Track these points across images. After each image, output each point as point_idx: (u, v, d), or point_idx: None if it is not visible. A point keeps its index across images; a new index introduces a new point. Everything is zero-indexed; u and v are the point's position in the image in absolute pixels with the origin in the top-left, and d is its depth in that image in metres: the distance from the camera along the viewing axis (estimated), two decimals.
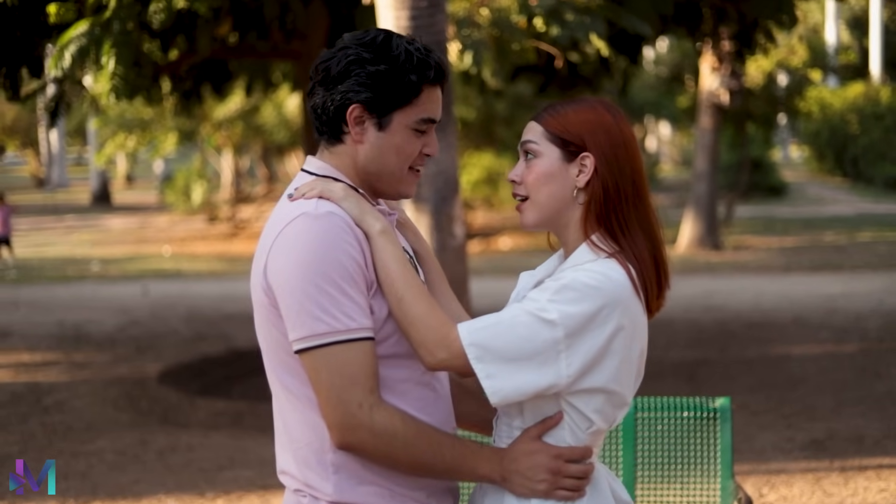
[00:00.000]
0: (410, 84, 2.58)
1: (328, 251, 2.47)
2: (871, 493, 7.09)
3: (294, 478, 2.61)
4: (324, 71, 2.61)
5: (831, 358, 11.13)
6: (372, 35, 2.61)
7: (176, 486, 7.46)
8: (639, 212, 2.61)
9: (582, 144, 2.59)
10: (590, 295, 2.48)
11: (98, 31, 6.88)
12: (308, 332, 2.46)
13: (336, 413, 2.47)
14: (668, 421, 4.54)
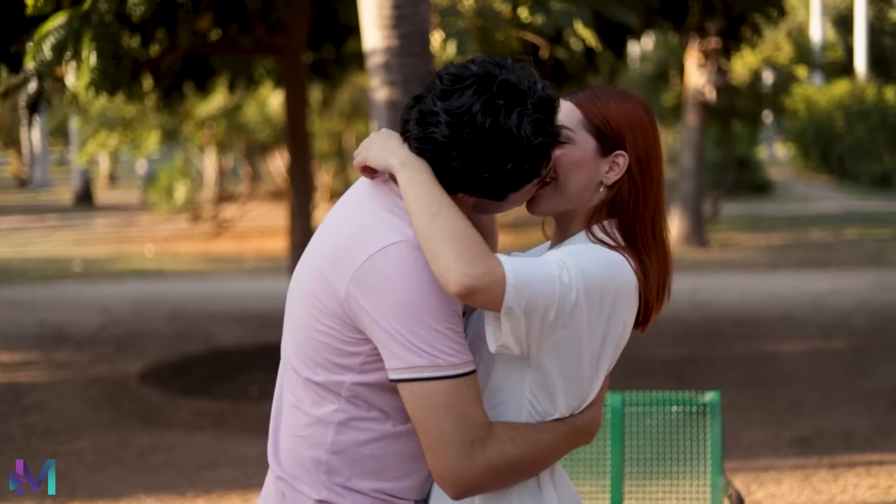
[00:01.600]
0: (531, 174, 2.41)
1: (431, 285, 2.34)
2: (861, 489, 7.02)
3: (280, 465, 2.56)
4: (425, 158, 2.40)
5: (819, 355, 11.05)
6: (476, 128, 2.33)
7: (156, 486, 7.35)
8: (657, 221, 2.52)
9: (621, 141, 2.47)
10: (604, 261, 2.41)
11: (76, 24, 6.76)
12: (422, 363, 2.34)
13: (451, 461, 2.35)
14: (656, 416, 4.45)
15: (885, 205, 27.32)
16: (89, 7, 6.80)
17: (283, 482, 2.54)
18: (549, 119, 2.37)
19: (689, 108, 19.60)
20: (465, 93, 2.33)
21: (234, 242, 22.59)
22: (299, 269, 2.61)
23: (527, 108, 2.33)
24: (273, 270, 18.36)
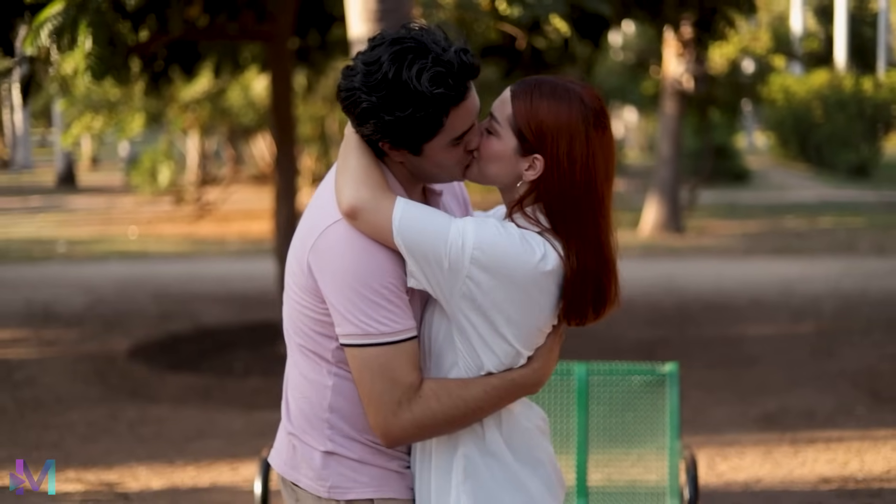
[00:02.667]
0: (428, 124, 2.63)
1: (374, 260, 2.65)
2: (820, 463, 7.36)
3: (290, 422, 2.89)
4: (344, 108, 2.69)
5: (787, 338, 11.40)
6: (380, 70, 2.60)
7: (147, 455, 7.65)
8: (587, 223, 2.67)
9: (538, 146, 2.65)
10: (511, 236, 2.65)
11: (73, 11, 7.04)
12: (356, 331, 2.65)
13: (379, 416, 2.68)
14: (619, 385, 4.78)
15: (861, 194, 27.72)
16: None
17: (294, 437, 2.88)
18: (451, 75, 2.61)
19: (666, 96, 19.90)
20: (379, 48, 2.64)
21: (216, 225, 22.83)
22: (291, 247, 2.91)
23: (429, 63, 2.59)
24: (256, 252, 18.64)
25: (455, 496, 2.74)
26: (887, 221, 21.94)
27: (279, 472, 2.96)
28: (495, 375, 2.72)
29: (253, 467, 7.28)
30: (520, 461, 2.80)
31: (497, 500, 2.75)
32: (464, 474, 2.75)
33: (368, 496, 2.79)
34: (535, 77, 2.74)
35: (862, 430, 8.11)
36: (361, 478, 2.79)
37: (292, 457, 2.90)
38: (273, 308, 12.36)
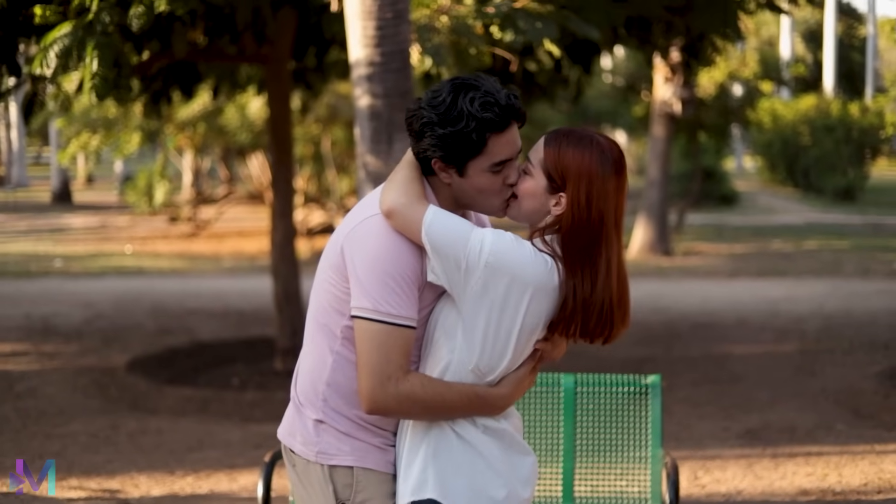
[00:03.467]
0: (473, 142, 3.07)
1: (398, 253, 3.08)
2: (799, 476, 7.62)
3: (296, 394, 3.29)
4: (408, 127, 3.15)
5: (771, 357, 11.66)
6: (442, 96, 3.09)
7: (147, 465, 7.89)
8: (598, 254, 3.07)
9: (563, 186, 3.08)
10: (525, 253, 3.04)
11: (81, 33, 7.28)
12: (369, 306, 3.04)
13: (369, 383, 3.06)
14: (604, 395, 5.04)
15: (847, 217, 28.04)
16: (93, 17, 7.32)
17: (295, 406, 3.29)
18: (497, 106, 3.08)
19: (655, 119, 20.20)
20: (440, 92, 3.13)
21: (211, 243, 23.09)
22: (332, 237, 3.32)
23: (480, 94, 3.08)
24: (250, 270, 18.90)
25: (422, 467, 3.09)
26: (872, 244, 22.25)
27: (280, 439, 3.36)
28: (471, 387, 3.09)
29: (251, 477, 7.53)
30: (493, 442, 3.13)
31: (461, 471, 3.08)
32: (434, 449, 3.10)
33: (349, 464, 3.17)
34: (566, 128, 3.19)
35: (841, 446, 8.36)
36: (345, 447, 3.17)
37: (291, 424, 3.30)
38: (269, 324, 12.64)
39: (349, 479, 3.15)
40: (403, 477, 3.11)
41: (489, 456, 3.11)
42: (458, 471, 3.07)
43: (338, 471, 3.16)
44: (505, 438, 3.16)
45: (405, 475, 3.11)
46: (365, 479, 3.15)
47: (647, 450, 4.99)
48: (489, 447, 3.11)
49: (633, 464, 5.03)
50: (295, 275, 10.86)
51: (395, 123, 6.19)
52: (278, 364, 10.76)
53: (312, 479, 3.20)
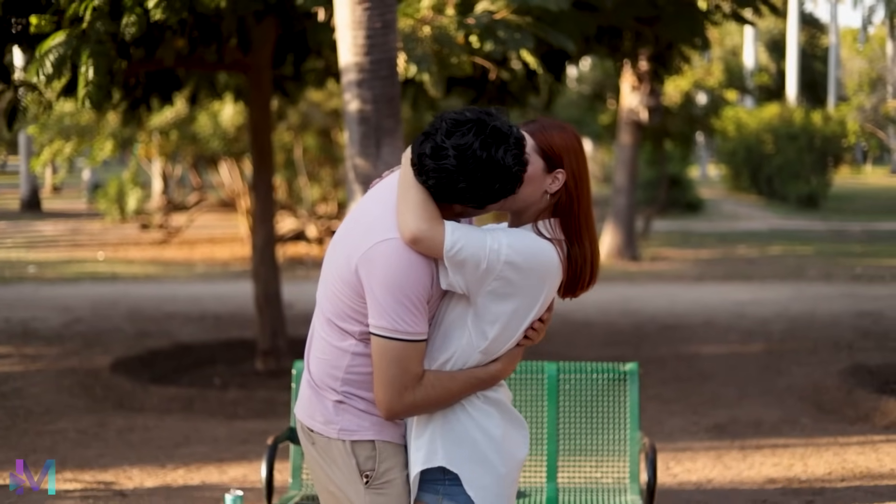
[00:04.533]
0: (509, 191, 3.35)
1: (412, 275, 3.30)
2: (766, 466, 7.95)
3: (313, 375, 3.52)
4: (435, 182, 3.31)
5: (737, 357, 12.01)
6: (473, 148, 3.26)
7: (138, 459, 8.14)
8: (588, 219, 3.46)
9: (559, 162, 3.42)
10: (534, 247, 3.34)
11: (75, 42, 7.55)
12: (388, 325, 3.30)
13: (387, 394, 3.35)
14: (585, 382, 5.36)
15: (810, 224, 28.54)
16: (87, 27, 7.58)
17: (314, 388, 3.52)
18: (522, 153, 3.34)
19: (622, 127, 20.57)
20: (467, 134, 3.29)
21: (182, 249, 23.29)
22: (338, 238, 3.55)
23: (510, 146, 3.30)
24: (223, 275, 19.14)
25: (431, 438, 3.40)
26: (835, 250, 22.70)
27: (300, 420, 3.60)
28: (471, 372, 3.42)
29: (240, 469, 7.80)
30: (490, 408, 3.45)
31: (465, 442, 3.40)
32: (442, 422, 3.41)
33: (370, 438, 3.44)
34: (534, 119, 3.52)
35: (806, 438, 8.71)
36: (365, 423, 3.44)
37: (310, 406, 3.54)
38: (246, 327, 12.91)
39: (371, 451, 3.42)
40: (415, 447, 3.41)
41: (489, 424, 3.42)
42: (463, 441, 3.38)
43: (359, 445, 3.42)
44: (501, 406, 3.48)
45: (416, 445, 3.41)
46: (385, 450, 3.43)
47: (626, 432, 5.31)
48: (490, 414, 3.43)
49: (613, 446, 5.35)
50: (275, 278, 11.12)
51: (383, 128, 6.49)
52: (259, 364, 11.02)
53: (335, 454, 3.45)
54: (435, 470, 3.38)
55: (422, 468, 3.39)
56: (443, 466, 3.37)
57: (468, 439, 3.39)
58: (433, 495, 3.39)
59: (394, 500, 3.43)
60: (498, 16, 7.60)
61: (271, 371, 10.87)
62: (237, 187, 23.63)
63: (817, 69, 57.53)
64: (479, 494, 3.36)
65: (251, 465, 7.93)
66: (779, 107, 37.47)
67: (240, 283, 17.49)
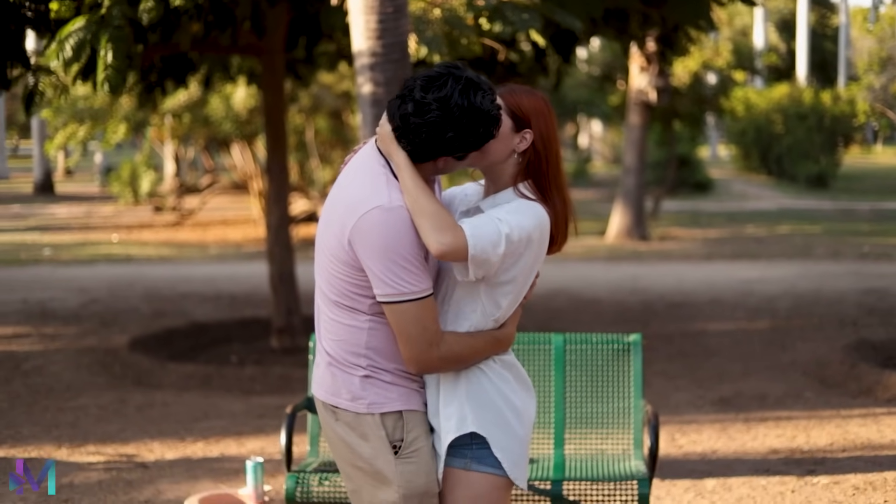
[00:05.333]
0: (491, 135, 3.55)
1: (401, 237, 3.47)
2: (770, 438, 8.16)
3: (331, 357, 3.67)
4: (415, 126, 3.47)
5: (743, 333, 12.21)
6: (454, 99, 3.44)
7: (158, 433, 8.37)
8: (557, 178, 3.67)
9: (527, 122, 3.63)
10: (534, 214, 3.54)
11: (94, 27, 7.75)
12: (392, 291, 3.47)
13: (414, 351, 3.54)
14: (591, 352, 5.57)
15: (818, 203, 28.70)
16: (105, 12, 7.79)
17: (335, 366, 3.67)
18: (495, 97, 3.55)
19: (631, 108, 20.73)
20: (444, 86, 3.48)
21: (195, 231, 23.54)
22: (320, 224, 3.71)
23: (486, 91, 3.51)
24: (236, 257, 19.37)
25: (460, 406, 3.61)
26: (842, 229, 22.87)
27: (321, 399, 3.74)
28: (489, 333, 3.65)
29: (258, 442, 8.04)
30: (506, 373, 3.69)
31: (490, 407, 3.62)
32: (467, 391, 3.62)
33: (398, 409, 3.63)
34: (508, 84, 3.73)
35: (809, 411, 8.92)
36: (392, 395, 3.62)
37: (332, 384, 3.69)
38: (261, 306, 13.14)
39: (399, 421, 3.61)
40: (445, 416, 3.62)
41: (507, 390, 3.65)
42: (489, 407, 3.61)
43: (388, 416, 3.60)
44: (514, 369, 3.72)
45: (446, 414, 3.62)
46: (411, 419, 3.63)
47: (630, 401, 5.52)
48: (507, 380, 3.66)
49: (617, 414, 5.56)
50: (289, 258, 11.34)
51: None
52: (274, 342, 11.26)
53: (364, 429, 3.62)
54: (463, 436, 3.59)
55: (455, 435, 3.59)
56: (472, 432, 3.58)
57: (492, 405, 3.61)
58: (461, 460, 3.60)
59: (423, 466, 3.61)
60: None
61: (286, 348, 11.10)
62: (249, 169, 23.86)
63: (828, 49, 57.53)
64: (504, 455, 3.59)
65: (268, 438, 8.16)
66: (788, 87, 37.54)
67: (253, 264, 17.72)
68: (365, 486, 3.68)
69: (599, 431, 5.63)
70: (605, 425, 5.62)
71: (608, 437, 5.63)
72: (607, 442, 5.63)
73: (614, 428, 5.61)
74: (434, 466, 3.64)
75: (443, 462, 3.63)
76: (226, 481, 7.07)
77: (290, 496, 5.28)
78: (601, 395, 5.57)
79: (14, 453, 7.85)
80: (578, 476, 5.37)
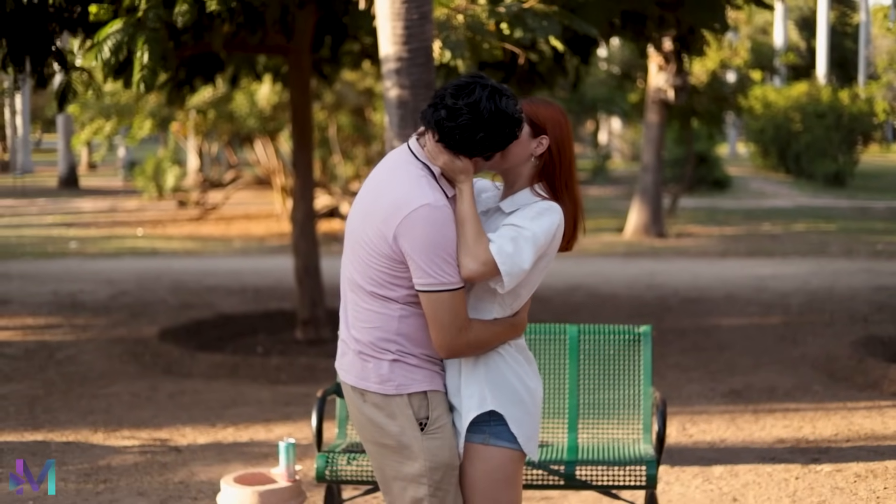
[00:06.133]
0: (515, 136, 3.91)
1: (446, 233, 3.84)
2: (777, 428, 8.48)
3: (361, 343, 4.01)
4: (461, 138, 3.84)
5: (756, 328, 12.52)
6: (485, 106, 3.81)
7: (190, 419, 8.74)
8: (569, 181, 4.04)
9: (544, 129, 4.00)
10: (552, 213, 3.91)
11: (131, 29, 8.11)
12: (433, 281, 3.83)
13: (446, 337, 3.89)
14: (603, 343, 5.91)
15: (835, 201, 28.93)
16: (142, 15, 8.14)
17: (364, 354, 4.01)
18: (517, 102, 3.92)
19: (649, 106, 21.01)
20: (473, 93, 3.86)
21: (219, 226, 23.92)
22: (355, 218, 4.06)
23: (509, 97, 3.89)
24: (260, 251, 19.75)
25: (480, 387, 3.98)
26: (858, 227, 23.13)
27: (351, 384, 4.08)
28: (507, 320, 4.02)
29: (286, 428, 8.39)
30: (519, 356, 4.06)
31: (506, 387, 3.98)
32: (486, 372, 3.99)
33: (424, 389, 3.99)
34: (528, 97, 4.14)
35: (816, 403, 9.22)
36: (417, 377, 3.98)
37: (362, 370, 4.03)
38: (285, 299, 13.50)
39: (424, 401, 3.97)
40: (466, 395, 3.98)
41: (521, 372, 4.02)
42: (505, 387, 3.97)
43: (415, 396, 3.96)
44: (525, 352, 4.10)
45: (468, 394, 3.98)
46: (435, 399, 3.99)
47: (640, 388, 5.86)
48: (520, 362, 4.03)
49: (628, 401, 5.90)
50: (314, 252, 11.68)
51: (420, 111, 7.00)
52: (299, 333, 11.61)
53: (393, 409, 3.97)
54: (482, 414, 3.95)
55: (477, 413, 3.95)
56: (491, 410, 3.94)
57: (509, 386, 3.97)
58: (481, 435, 3.96)
59: (446, 441, 3.97)
60: (527, 4, 8.11)
61: (310, 340, 11.45)
62: (272, 165, 24.23)
63: (848, 47, 57.64)
64: (520, 431, 3.95)
65: (295, 424, 8.51)
66: (807, 85, 37.74)
67: (276, 258, 18.10)
68: (390, 462, 4.02)
69: (611, 418, 5.96)
70: (617, 412, 5.95)
71: (619, 423, 5.96)
72: (618, 428, 5.96)
73: (625, 414, 5.94)
74: (455, 441, 3.99)
75: (463, 437, 3.97)
76: (256, 464, 7.42)
77: (320, 475, 5.63)
78: (613, 383, 5.91)
79: (53, 437, 8.23)
80: (590, 459, 5.70)
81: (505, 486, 3.98)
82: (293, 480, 5.63)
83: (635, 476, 5.52)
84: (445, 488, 3.98)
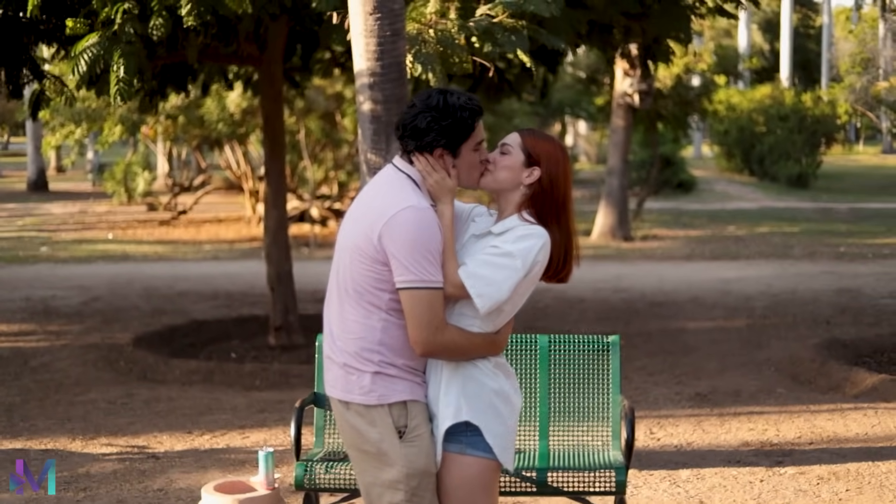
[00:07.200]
0: (468, 125, 4.12)
1: (429, 233, 4.03)
2: (742, 431, 8.70)
3: (346, 354, 4.18)
4: (412, 128, 4.11)
5: (721, 331, 12.76)
6: (434, 100, 4.08)
7: (166, 426, 8.88)
8: (560, 215, 4.20)
9: (537, 161, 4.20)
10: (535, 237, 4.10)
11: (107, 43, 8.24)
12: (414, 278, 4.01)
13: (423, 334, 4.06)
14: (573, 352, 6.10)
15: (799, 203, 29.29)
16: (118, 29, 8.27)
17: (348, 366, 4.19)
18: (473, 104, 4.13)
19: (615, 110, 21.27)
20: (432, 98, 4.14)
21: (189, 230, 24.02)
22: (344, 229, 4.26)
23: (462, 98, 4.13)
24: (230, 255, 19.86)
25: (456, 397, 4.14)
26: (820, 229, 23.46)
27: (336, 397, 4.26)
28: (488, 335, 4.19)
29: (261, 435, 8.54)
30: (498, 371, 4.22)
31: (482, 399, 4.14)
32: (463, 385, 4.15)
33: (404, 399, 4.16)
34: (534, 129, 4.38)
35: (780, 406, 9.45)
36: (398, 387, 4.15)
37: (346, 383, 4.21)
38: (258, 304, 13.64)
39: (404, 410, 4.14)
40: (444, 404, 4.15)
41: (498, 385, 4.18)
42: (481, 399, 4.14)
43: (395, 406, 4.13)
44: (505, 368, 4.26)
45: (445, 403, 4.15)
46: (414, 408, 4.16)
47: (609, 396, 6.06)
48: (498, 376, 4.20)
49: (597, 408, 6.09)
50: (287, 258, 11.84)
51: (393, 125, 7.16)
52: (272, 339, 11.76)
53: (375, 417, 4.15)
54: (459, 424, 4.11)
55: (451, 423, 4.12)
56: (466, 421, 4.11)
57: (485, 398, 4.14)
58: (457, 445, 4.12)
59: (423, 449, 4.14)
60: (497, 19, 8.28)
61: (284, 346, 11.61)
62: (242, 169, 24.33)
63: (811, 49, 58.17)
64: (496, 441, 4.12)
65: (270, 430, 8.67)
66: (770, 88, 38.13)
67: (247, 262, 18.24)
68: (369, 469, 4.20)
69: (581, 424, 6.14)
70: (587, 419, 6.13)
71: (589, 429, 6.15)
72: (588, 434, 6.15)
73: (594, 421, 6.13)
74: (433, 450, 4.16)
75: (440, 446, 4.14)
76: (233, 471, 7.58)
77: (299, 482, 5.79)
78: (583, 391, 6.10)
79: (31, 445, 8.35)
80: (561, 465, 5.88)
81: (481, 495, 4.14)
82: (272, 488, 5.79)
83: (605, 481, 5.71)
84: (421, 494, 4.15)
